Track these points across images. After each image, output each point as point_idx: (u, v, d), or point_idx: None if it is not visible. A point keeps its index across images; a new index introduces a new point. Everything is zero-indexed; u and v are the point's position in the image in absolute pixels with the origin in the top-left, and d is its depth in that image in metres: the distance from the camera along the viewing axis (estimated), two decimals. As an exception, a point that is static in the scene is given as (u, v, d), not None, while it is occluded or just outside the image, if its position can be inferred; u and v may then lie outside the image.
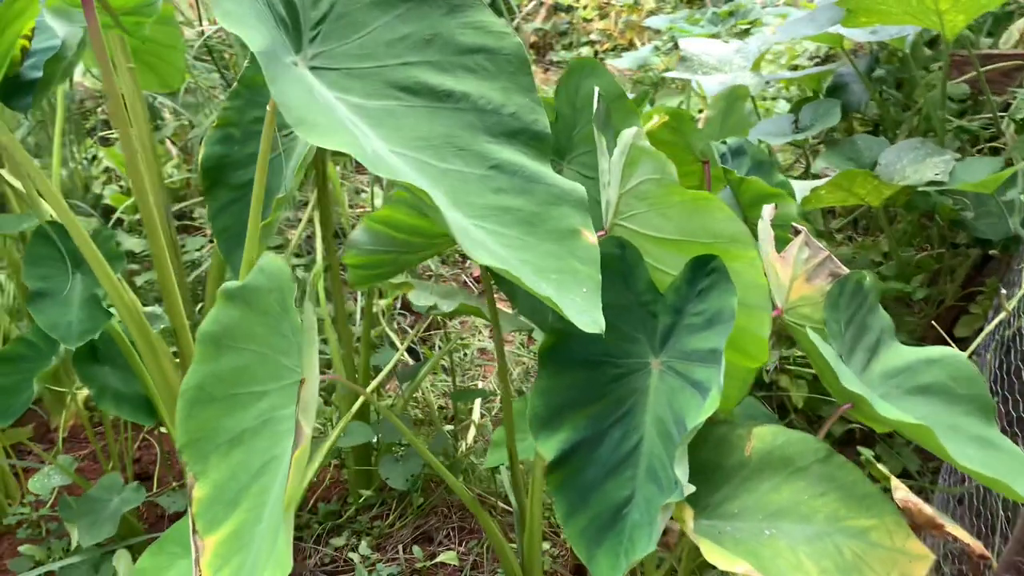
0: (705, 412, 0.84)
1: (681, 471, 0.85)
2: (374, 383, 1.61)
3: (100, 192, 2.74)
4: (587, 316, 0.82)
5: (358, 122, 0.84)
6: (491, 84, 0.92)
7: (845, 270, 1.04)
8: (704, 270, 0.93)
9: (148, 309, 1.29)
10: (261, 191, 0.98)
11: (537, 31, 5.98)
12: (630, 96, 1.30)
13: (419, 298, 1.44)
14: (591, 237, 0.88)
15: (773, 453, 0.99)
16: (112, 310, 1.17)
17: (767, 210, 1.17)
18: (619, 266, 0.98)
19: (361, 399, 1.57)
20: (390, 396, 2.03)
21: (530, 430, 0.94)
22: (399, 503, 1.77)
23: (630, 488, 0.94)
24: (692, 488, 0.87)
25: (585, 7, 5.83)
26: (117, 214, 2.40)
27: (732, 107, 1.61)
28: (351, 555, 1.60)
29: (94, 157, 2.91)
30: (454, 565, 1.63)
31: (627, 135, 0.92)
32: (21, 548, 1.47)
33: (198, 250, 2.41)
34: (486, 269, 1.14)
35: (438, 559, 1.62)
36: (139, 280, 2.31)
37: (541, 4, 6.25)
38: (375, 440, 1.74)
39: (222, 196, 1.42)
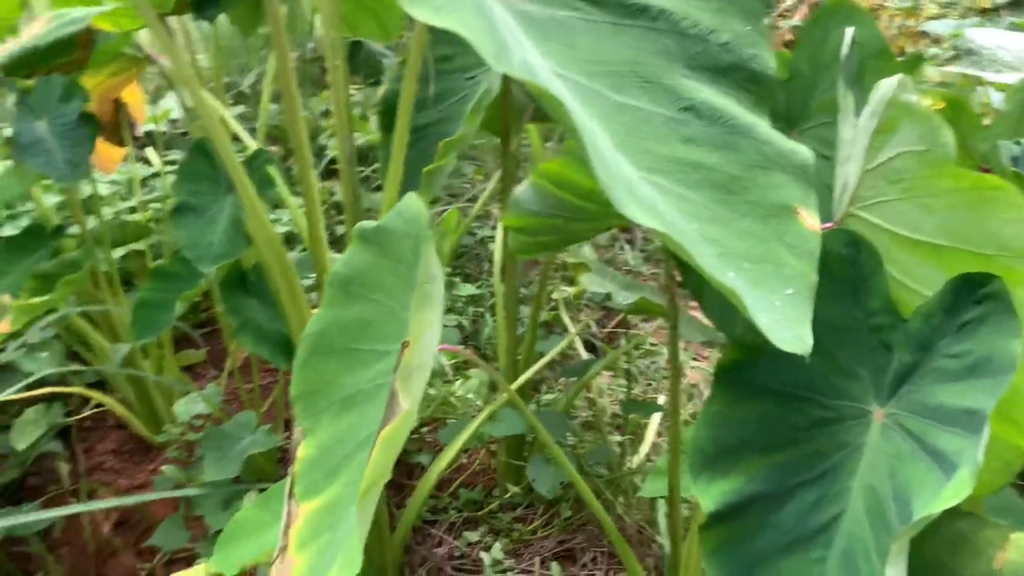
0: (947, 499, 0.57)
1: (895, 572, 0.58)
2: (528, 374, 1.42)
3: (324, 144, 2.79)
4: (787, 329, 0.57)
5: (517, 31, 0.65)
6: (700, 1, 0.69)
7: None
8: (974, 295, 0.64)
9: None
10: (405, 122, 0.82)
11: (795, 28, 5.51)
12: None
13: (593, 283, 1.23)
14: (811, 220, 0.63)
15: (1038, 572, 0.68)
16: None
17: None
18: (847, 271, 0.71)
19: (518, 383, 1.39)
20: (558, 391, 1.84)
21: (688, 469, 0.71)
22: (547, 509, 1.58)
23: (817, 573, 0.68)
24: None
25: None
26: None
27: (1040, 101, 1.23)
28: (483, 554, 1.44)
29: (327, 111, 2.97)
30: (593, 596, 1.41)
31: (885, 86, 0.65)
32: (164, 467, 1.46)
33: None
34: (671, 256, 0.91)
35: (577, 583, 1.41)
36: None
37: (801, 1, 5.75)
38: (530, 435, 1.56)
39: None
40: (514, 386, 1.36)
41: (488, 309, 2.12)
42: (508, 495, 1.60)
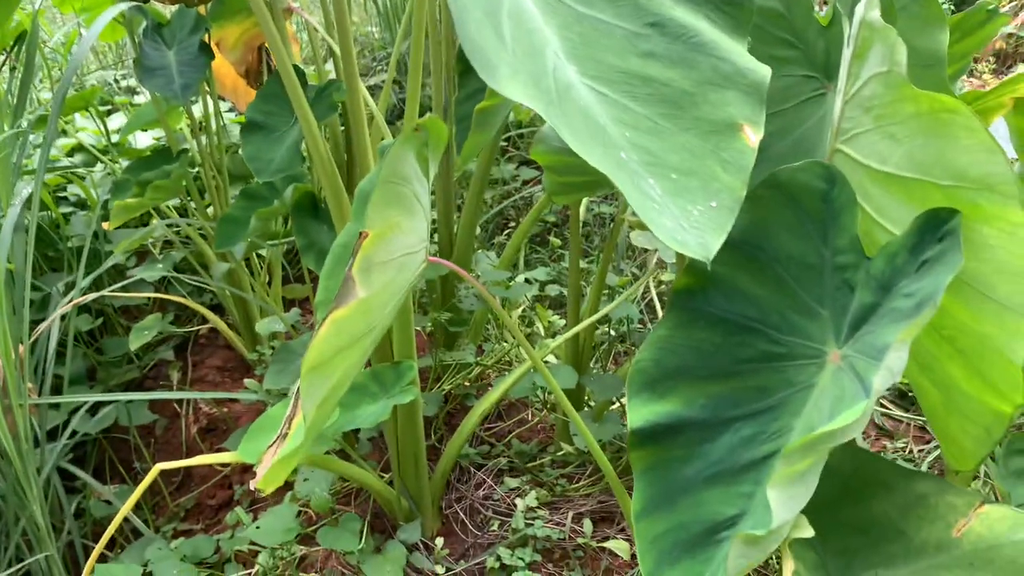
0: (842, 419, 0.54)
1: (779, 496, 0.56)
2: (577, 327, 1.43)
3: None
4: (694, 235, 0.56)
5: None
6: (688, -82, 0.68)
7: None
8: (938, 232, 0.60)
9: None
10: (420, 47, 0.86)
11: (1008, 36, 5.03)
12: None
13: (642, 239, 1.23)
14: (752, 137, 0.61)
15: (1002, 551, 0.63)
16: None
17: None
18: (819, 207, 0.68)
19: (566, 336, 1.41)
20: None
21: (627, 388, 0.71)
22: (596, 471, 1.59)
23: (740, 507, 0.66)
24: (809, 532, 0.58)
25: (1083, 18, 4.75)
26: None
27: None
28: (518, 500, 1.47)
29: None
30: (623, 559, 1.40)
31: (860, 7, 0.62)
32: (246, 380, 1.59)
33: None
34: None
35: (607, 543, 1.41)
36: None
37: (1021, 7, 5.24)
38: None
39: (471, 84, 1.34)
40: (559, 340, 1.38)
41: (586, 281, 2.13)
42: (561, 453, 1.61)
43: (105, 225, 1.40)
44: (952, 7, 5.15)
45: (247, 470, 1.69)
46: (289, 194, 1.30)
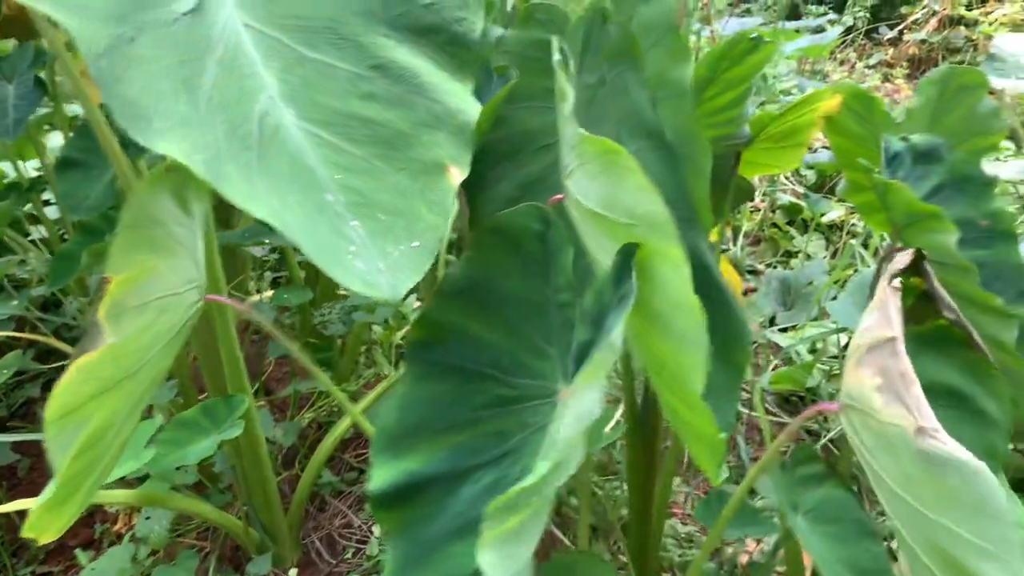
0: (534, 476, 0.55)
1: (492, 559, 0.56)
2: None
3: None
4: (386, 277, 0.57)
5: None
6: (410, -39, 0.70)
7: (901, 367, 0.61)
8: (628, 266, 0.62)
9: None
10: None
11: (922, 43, 5.21)
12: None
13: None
14: (456, 177, 0.63)
15: None
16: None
17: (899, 258, 0.78)
18: (538, 248, 0.70)
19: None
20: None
21: (371, 450, 0.71)
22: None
23: (482, 553, 0.67)
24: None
25: (993, 23, 4.94)
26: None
27: (955, 99, 1.14)
28: (375, 527, 1.46)
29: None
30: None
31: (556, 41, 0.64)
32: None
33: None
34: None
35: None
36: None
37: (934, 14, 5.43)
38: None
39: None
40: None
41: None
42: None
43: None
44: (869, 15, 5.34)
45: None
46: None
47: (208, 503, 1.30)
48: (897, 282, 0.64)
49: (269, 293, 1.74)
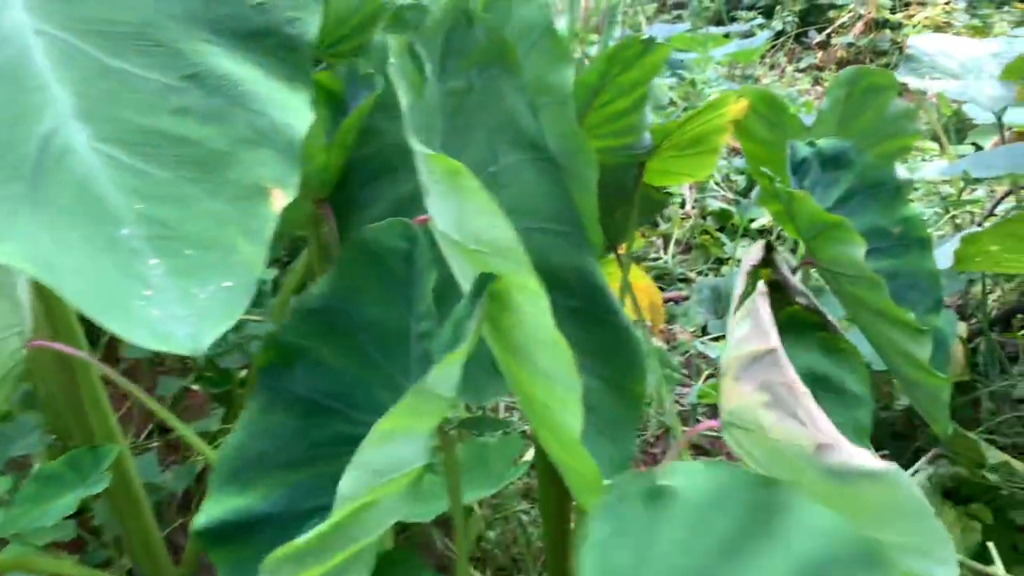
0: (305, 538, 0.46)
1: None
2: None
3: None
4: (184, 325, 0.48)
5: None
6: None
7: (786, 379, 0.54)
8: (478, 298, 0.54)
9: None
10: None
11: (849, 46, 5.29)
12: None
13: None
14: (279, 201, 0.54)
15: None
16: None
17: (752, 253, 0.72)
18: (403, 269, 0.62)
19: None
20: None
21: (210, 479, 0.62)
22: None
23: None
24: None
25: (916, 25, 5.03)
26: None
27: (864, 100, 1.09)
28: None
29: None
30: None
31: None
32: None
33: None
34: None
35: None
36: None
37: (859, 17, 5.52)
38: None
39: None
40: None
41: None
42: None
43: None
44: (797, 20, 5.40)
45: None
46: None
47: (83, 563, 1.18)
48: (764, 287, 0.57)
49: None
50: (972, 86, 1.71)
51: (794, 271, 0.91)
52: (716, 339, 2.14)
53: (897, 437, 1.60)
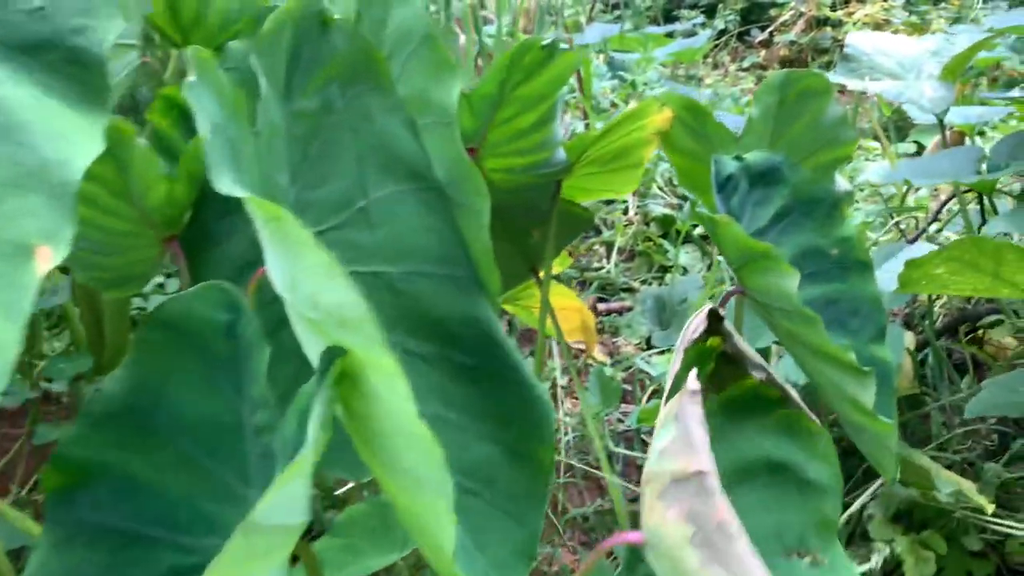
0: None
1: None
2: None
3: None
4: None
5: None
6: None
7: (716, 514, 0.42)
8: (323, 381, 0.42)
9: None
10: None
11: (791, 44, 5.28)
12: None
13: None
14: (46, 263, 0.42)
15: None
16: None
17: (694, 324, 0.61)
18: (227, 347, 0.49)
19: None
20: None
21: None
22: None
23: None
24: None
25: (856, 23, 5.04)
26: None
27: (797, 107, 1.00)
28: None
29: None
30: None
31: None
32: None
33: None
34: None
35: None
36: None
37: (800, 15, 5.52)
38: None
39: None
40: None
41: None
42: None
43: None
44: (739, 18, 5.37)
45: None
46: None
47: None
48: (696, 383, 0.46)
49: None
50: (912, 87, 1.64)
51: (722, 303, 0.81)
52: (661, 352, 2.05)
53: (846, 455, 1.53)
